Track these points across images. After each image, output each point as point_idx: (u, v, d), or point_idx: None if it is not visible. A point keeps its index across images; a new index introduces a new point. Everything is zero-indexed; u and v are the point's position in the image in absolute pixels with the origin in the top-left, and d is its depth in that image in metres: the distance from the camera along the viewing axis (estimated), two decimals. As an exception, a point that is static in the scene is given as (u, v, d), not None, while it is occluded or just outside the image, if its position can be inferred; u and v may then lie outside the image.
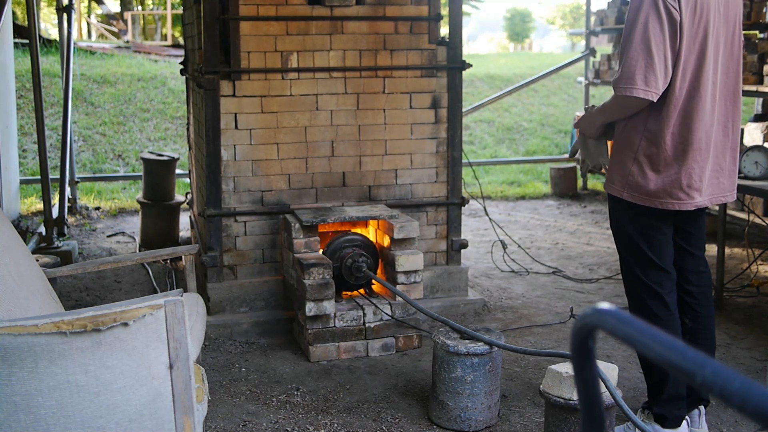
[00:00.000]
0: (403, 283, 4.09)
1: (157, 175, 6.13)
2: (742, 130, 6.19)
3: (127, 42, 17.72)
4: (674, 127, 2.81)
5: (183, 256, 3.38)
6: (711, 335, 3.16)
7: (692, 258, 3.11)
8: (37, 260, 3.43)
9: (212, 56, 4.25)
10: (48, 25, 26.60)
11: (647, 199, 2.90)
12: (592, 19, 8.83)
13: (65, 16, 6.97)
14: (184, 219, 6.64)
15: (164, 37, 23.59)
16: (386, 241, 4.22)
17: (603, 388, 2.84)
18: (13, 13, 11.43)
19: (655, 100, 2.75)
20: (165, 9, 24.18)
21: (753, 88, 6.07)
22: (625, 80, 2.74)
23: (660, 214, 2.95)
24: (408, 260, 4.09)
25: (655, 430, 3.05)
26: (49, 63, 11.21)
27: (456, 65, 4.55)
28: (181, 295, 2.30)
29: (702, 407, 3.22)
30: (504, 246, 5.72)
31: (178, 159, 6.36)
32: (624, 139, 2.93)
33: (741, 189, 4.75)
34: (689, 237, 3.09)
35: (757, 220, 5.68)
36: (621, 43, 2.82)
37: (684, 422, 3.12)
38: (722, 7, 2.81)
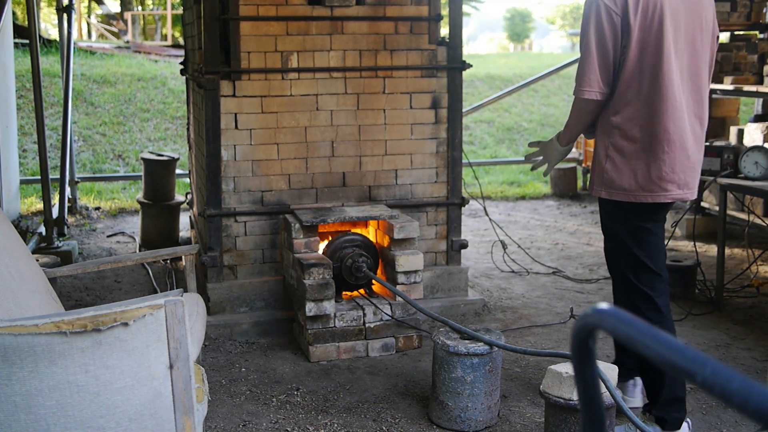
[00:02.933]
0: (403, 283, 4.09)
1: (157, 175, 6.13)
2: (738, 131, 6.19)
3: (127, 42, 17.72)
4: (640, 119, 2.91)
5: (183, 256, 3.38)
6: (670, 325, 3.19)
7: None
8: (37, 260, 3.43)
9: (212, 56, 4.25)
10: (48, 25, 26.60)
11: (623, 194, 2.98)
12: (592, 19, 8.82)
13: (65, 16, 6.97)
14: (184, 219, 6.64)
15: (164, 37, 23.60)
16: (386, 241, 4.22)
17: (603, 388, 2.84)
18: (13, 13, 11.43)
19: (599, 99, 2.94)
20: (165, 9, 24.18)
21: (753, 88, 6.07)
22: (576, 84, 3.00)
23: (643, 210, 3.00)
24: (408, 260, 4.09)
25: None
26: (49, 63, 11.21)
27: (456, 65, 4.55)
28: (181, 295, 2.30)
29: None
30: (504, 246, 5.72)
31: (178, 159, 6.36)
32: (598, 140, 3.05)
33: (741, 189, 4.76)
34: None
35: (757, 221, 5.68)
36: None
37: (685, 424, 3.12)
38: (684, 7, 2.91)
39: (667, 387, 3.02)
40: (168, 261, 5.43)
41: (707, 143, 5.42)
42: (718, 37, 3.09)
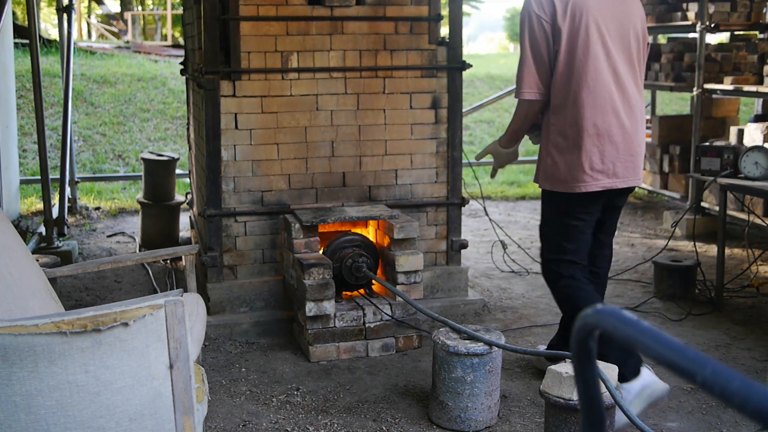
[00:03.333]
0: (403, 284, 4.09)
1: (157, 175, 6.13)
2: (738, 131, 6.18)
3: (127, 42, 17.72)
4: (571, 117, 3.18)
5: (183, 256, 3.38)
6: (592, 291, 3.45)
7: (600, 244, 3.51)
8: (37, 260, 3.43)
9: (212, 56, 4.25)
10: (48, 25, 26.60)
11: (559, 185, 3.27)
12: (592, 19, 8.82)
13: (65, 16, 6.97)
14: (184, 219, 6.64)
15: (164, 37, 23.60)
16: (386, 241, 4.22)
17: (603, 388, 2.84)
18: (13, 13, 11.43)
19: (538, 98, 3.23)
20: (165, 9, 24.18)
21: (753, 88, 6.07)
22: (516, 87, 3.28)
23: (578, 200, 3.26)
24: (408, 260, 4.09)
25: (624, 390, 3.12)
26: (49, 63, 11.21)
27: (456, 65, 4.55)
28: (181, 295, 2.30)
29: None
30: (504, 246, 5.72)
31: (178, 159, 6.36)
32: (543, 139, 3.33)
33: (741, 189, 4.76)
34: (601, 227, 3.47)
35: (757, 221, 5.68)
36: None
37: (645, 369, 3.31)
38: (611, 14, 3.18)
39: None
40: (168, 261, 5.43)
41: (707, 143, 5.42)
42: (648, 43, 3.39)
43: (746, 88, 6.12)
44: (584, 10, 3.12)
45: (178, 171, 6.81)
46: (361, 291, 4.19)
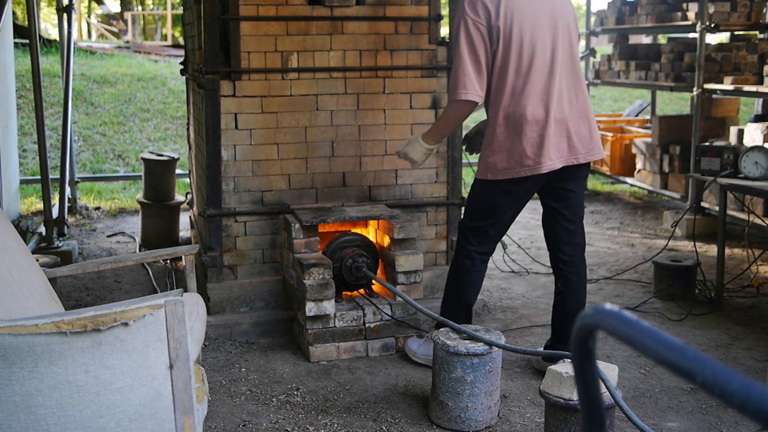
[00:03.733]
0: (403, 284, 4.09)
1: (157, 175, 6.13)
2: (738, 131, 6.18)
3: (127, 42, 17.73)
4: (510, 108, 3.34)
5: (183, 256, 3.38)
6: (578, 299, 3.67)
7: (566, 232, 3.62)
8: (37, 260, 3.43)
9: (212, 56, 4.25)
10: (48, 25, 26.60)
11: (502, 173, 3.41)
12: (592, 19, 8.83)
13: (65, 16, 6.97)
14: (184, 219, 6.64)
15: (164, 37, 23.60)
16: (386, 241, 4.21)
17: (603, 388, 2.84)
18: (13, 13, 11.43)
19: (475, 99, 3.37)
20: (165, 9, 24.18)
21: (753, 88, 6.07)
22: (453, 89, 3.40)
23: (514, 185, 3.43)
24: (408, 260, 4.09)
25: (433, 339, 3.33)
26: (49, 63, 11.21)
27: (456, 65, 4.54)
28: (181, 295, 2.30)
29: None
30: (504, 246, 5.71)
31: (178, 159, 6.36)
32: (488, 131, 3.46)
33: (741, 189, 4.76)
34: (563, 215, 3.60)
35: (757, 221, 5.68)
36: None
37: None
38: (541, 8, 3.37)
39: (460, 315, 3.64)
40: (168, 261, 5.43)
41: (707, 143, 5.42)
42: (579, 36, 3.69)
43: (746, 88, 6.12)
44: (515, 9, 3.32)
45: (178, 171, 6.81)
46: (361, 291, 4.19)
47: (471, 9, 3.34)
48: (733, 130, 6.43)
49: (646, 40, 11.48)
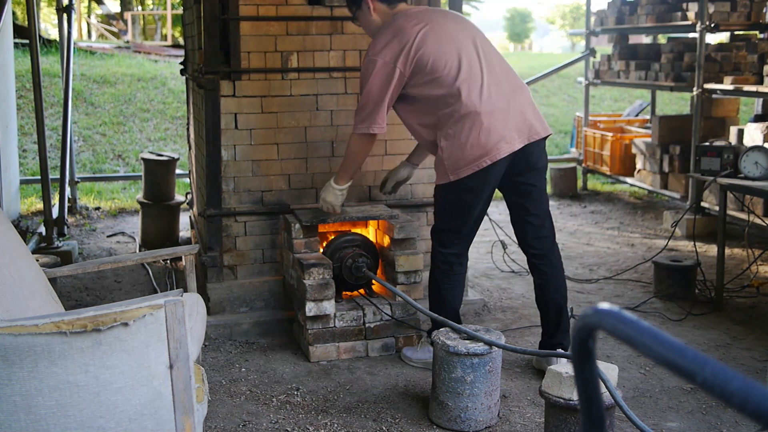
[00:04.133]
0: (403, 283, 4.09)
1: (157, 175, 6.13)
2: (738, 131, 6.18)
3: (127, 42, 17.73)
4: (453, 114, 3.49)
5: (183, 256, 3.38)
6: (558, 291, 3.75)
7: (532, 227, 3.72)
8: (37, 260, 3.43)
9: (212, 56, 4.25)
10: (48, 25, 26.61)
11: (464, 170, 3.50)
12: (592, 19, 8.83)
13: (65, 16, 6.97)
14: (184, 219, 6.64)
15: (164, 37, 23.60)
16: (386, 241, 4.22)
17: (603, 388, 2.84)
18: (13, 13, 11.42)
19: (382, 132, 3.60)
20: (165, 9, 24.18)
21: (753, 88, 6.07)
22: (361, 124, 3.60)
23: (476, 180, 3.52)
24: (408, 260, 4.09)
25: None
26: (49, 63, 11.21)
27: (456, 65, 4.54)
28: (181, 295, 2.30)
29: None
30: (504, 246, 5.71)
31: (178, 159, 6.36)
32: (438, 150, 3.57)
33: (741, 189, 4.76)
34: (527, 210, 3.70)
35: (757, 221, 5.68)
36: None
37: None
38: (450, 28, 3.59)
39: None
40: (168, 261, 5.43)
41: (707, 143, 5.42)
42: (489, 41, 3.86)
43: (746, 88, 6.12)
44: (428, 37, 3.52)
45: (178, 171, 6.81)
46: (361, 291, 4.19)
47: (381, 51, 3.53)
48: (733, 130, 6.43)
49: (646, 40, 11.47)
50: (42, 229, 5.88)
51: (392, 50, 3.51)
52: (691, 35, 7.71)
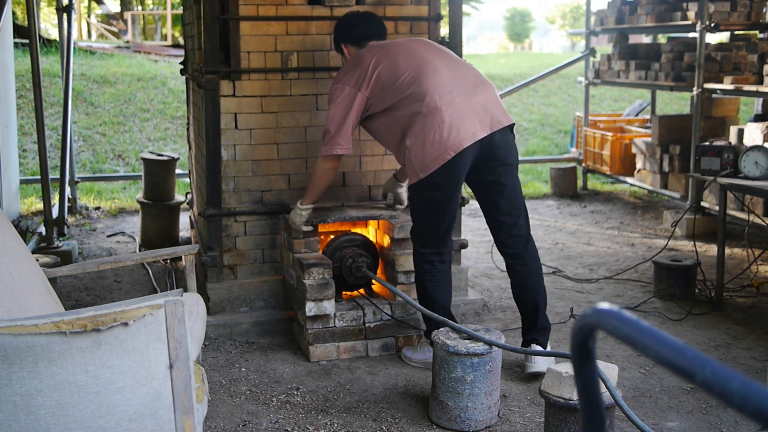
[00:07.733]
0: (403, 283, 4.09)
1: (157, 175, 6.13)
2: (738, 131, 6.18)
3: (127, 42, 17.72)
4: (415, 116, 3.60)
5: (183, 256, 3.38)
6: (533, 290, 3.80)
7: (505, 226, 3.76)
8: (37, 260, 3.43)
9: (212, 56, 4.25)
10: (48, 25, 26.60)
11: (431, 165, 3.56)
12: (592, 19, 8.83)
13: (65, 16, 6.97)
14: (184, 219, 6.64)
15: (164, 37, 23.59)
16: (386, 241, 4.22)
17: (603, 388, 2.84)
18: (13, 13, 11.43)
19: (348, 152, 3.81)
20: (165, 9, 24.18)
21: (753, 88, 6.07)
22: (329, 146, 3.78)
23: (444, 175, 3.57)
24: (408, 260, 4.09)
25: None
26: (49, 63, 11.21)
27: (456, 65, 4.54)
28: (181, 295, 2.30)
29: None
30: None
31: (178, 159, 6.35)
32: (406, 156, 3.65)
33: (741, 189, 4.76)
34: (498, 208, 3.75)
35: (757, 220, 5.68)
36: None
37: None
38: (407, 47, 3.81)
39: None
40: (168, 261, 5.43)
41: (707, 143, 5.42)
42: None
43: (746, 87, 6.12)
44: (382, 55, 3.75)
45: (178, 171, 6.81)
46: (361, 291, 4.19)
47: (342, 78, 3.77)
48: (733, 130, 6.43)
49: (646, 39, 11.47)
50: (42, 229, 5.88)
51: (352, 77, 3.75)
52: (691, 35, 7.71)
